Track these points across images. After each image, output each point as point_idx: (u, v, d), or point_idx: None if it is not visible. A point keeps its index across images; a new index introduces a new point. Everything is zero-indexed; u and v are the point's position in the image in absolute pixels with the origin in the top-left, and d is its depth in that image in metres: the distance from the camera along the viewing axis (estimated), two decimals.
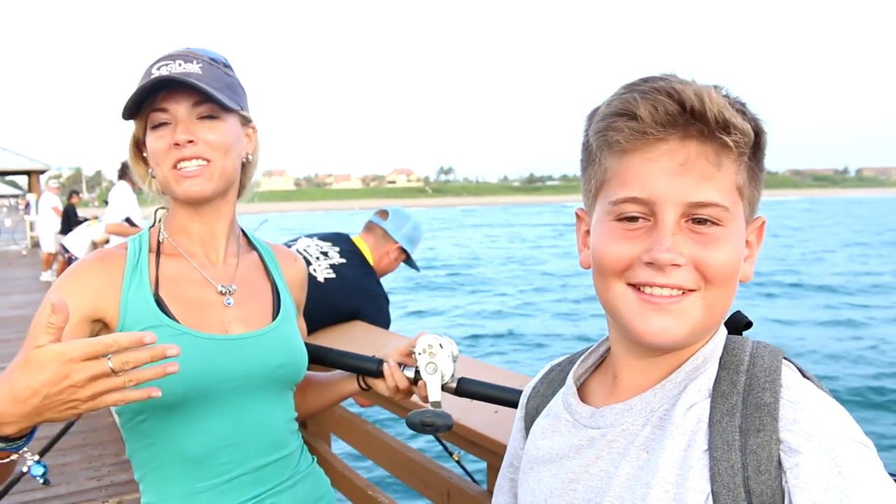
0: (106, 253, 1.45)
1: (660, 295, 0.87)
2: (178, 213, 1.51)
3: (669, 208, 0.86)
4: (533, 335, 16.25)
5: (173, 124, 1.40)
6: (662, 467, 0.86)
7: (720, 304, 0.88)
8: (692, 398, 0.89)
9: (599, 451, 0.95)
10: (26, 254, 21.36)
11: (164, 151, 1.40)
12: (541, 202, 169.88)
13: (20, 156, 28.28)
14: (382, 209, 3.20)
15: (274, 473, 1.49)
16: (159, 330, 1.36)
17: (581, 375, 1.07)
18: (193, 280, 1.49)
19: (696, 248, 0.86)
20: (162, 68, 1.38)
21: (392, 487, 4.78)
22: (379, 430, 2.56)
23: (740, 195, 0.88)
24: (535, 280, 25.72)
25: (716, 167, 0.85)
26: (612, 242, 0.90)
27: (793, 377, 0.88)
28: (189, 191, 1.41)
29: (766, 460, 0.80)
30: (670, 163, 0.85)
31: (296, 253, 1.75)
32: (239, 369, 1.45)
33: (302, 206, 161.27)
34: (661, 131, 0.85)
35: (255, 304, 1.54)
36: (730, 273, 0.87)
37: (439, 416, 1.49)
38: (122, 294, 1.39)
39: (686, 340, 0.90)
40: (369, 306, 2.89)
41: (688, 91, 0.84)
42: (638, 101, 0.85)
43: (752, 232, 0.93)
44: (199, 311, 1.45)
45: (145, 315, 1.39)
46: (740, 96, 0.89)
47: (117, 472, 4.91)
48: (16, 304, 11.96)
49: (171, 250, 1.50)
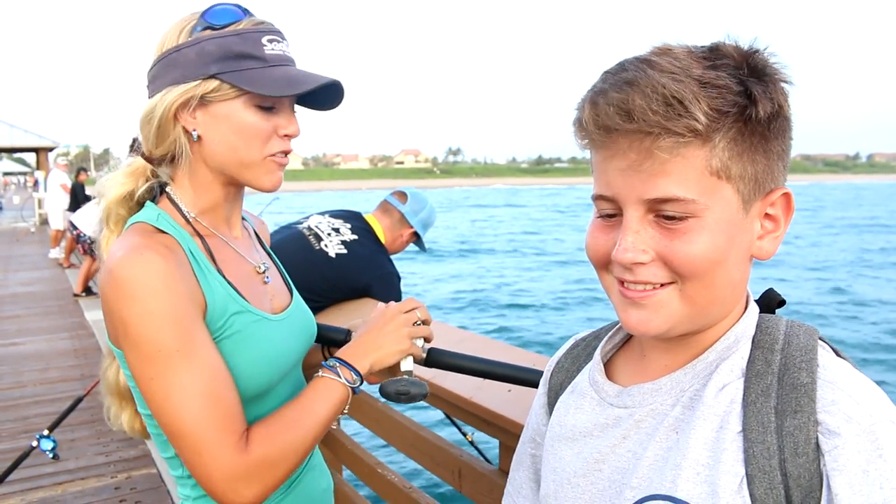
0: (150, 241, 1.23)
1: (634, 290, 0.86)
2: (212, 190, 1.37)
3: (630, 206, 0.83)
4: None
5: (278, 110, 1.33)
6: (693, 448, 0.83)
7: (702, 294, 0.84)
8: (724, 378, 0.86)
9: (626, 430, 0.92)
10: (35, 231, 21.44)
11: (267, 136, 1.32)
12: (549, 184, 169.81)
13: (28, 133, 28.20)
14: (400, 190, 3.18)
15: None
16: (243, 316, 1.31)
17: (608, 352, 1.04)
18: (236, 259, 1.41)
19: (662, 242, 0.83)
20: (274, 44, 1.32)
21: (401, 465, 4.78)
22: (390, 409, 2.55)
23: (722, 177, 0.81)
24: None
25: (675, 158, 0.80)
26: (592, 237, 0.90)
27: (829, 357, 0.84)
28: (277, 182, 1.37)
29: (803, 442, 0.77)
30: (623, 160, 0.82)
31: (257, 216, 1.71)
32: (297, 346, 1.45)
33: (310, 185, 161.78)
34: (606, 136, 0.83)
35: (277, 279, 1.52)
36: (704, 265, 0.82)
37: (414, 385, 1.44)
38: (199, 281, 1.26)
39: (674, 330, 0.87)
40: (380, 283, 2.87)
41: (633, 91, 0.79)
42: (585, 107, 0.84)
43: (769, 206, 0.87)
44: (254, 291, 1.40)
45: (227, 301, 1.29)
46: (750, 47, 0.83)
47: (126, 448, 4.93)
48: (25, 281, 12.02)
49: (203, 230, 1.38)
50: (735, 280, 0.86)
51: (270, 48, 1.31)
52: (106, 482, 4.45)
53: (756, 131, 0.81)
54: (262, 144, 1.32)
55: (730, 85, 0.79)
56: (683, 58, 0.81)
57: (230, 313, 1.28)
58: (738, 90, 0.79)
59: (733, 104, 0.79)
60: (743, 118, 0.80)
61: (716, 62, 0.81)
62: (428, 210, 3.15)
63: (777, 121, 0.83)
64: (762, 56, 0.83)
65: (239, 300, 1.31)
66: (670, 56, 0.81)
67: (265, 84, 1.29)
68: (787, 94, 0.84)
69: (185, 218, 1.35)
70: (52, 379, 6.67)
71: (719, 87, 0.79)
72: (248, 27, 1.31)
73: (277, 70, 1.30)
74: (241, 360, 1.27)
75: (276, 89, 1.29)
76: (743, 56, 0.82)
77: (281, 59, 1.32)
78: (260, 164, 1.33)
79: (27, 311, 9.43)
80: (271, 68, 1.30)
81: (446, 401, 2.07)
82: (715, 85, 0.79)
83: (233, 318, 1.28)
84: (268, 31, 1.32)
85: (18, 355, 7.38)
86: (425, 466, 2.26)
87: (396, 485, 2.46)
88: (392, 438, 2.50)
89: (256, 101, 1.30)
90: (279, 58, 1.32)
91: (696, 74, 0.79)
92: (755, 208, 0.85)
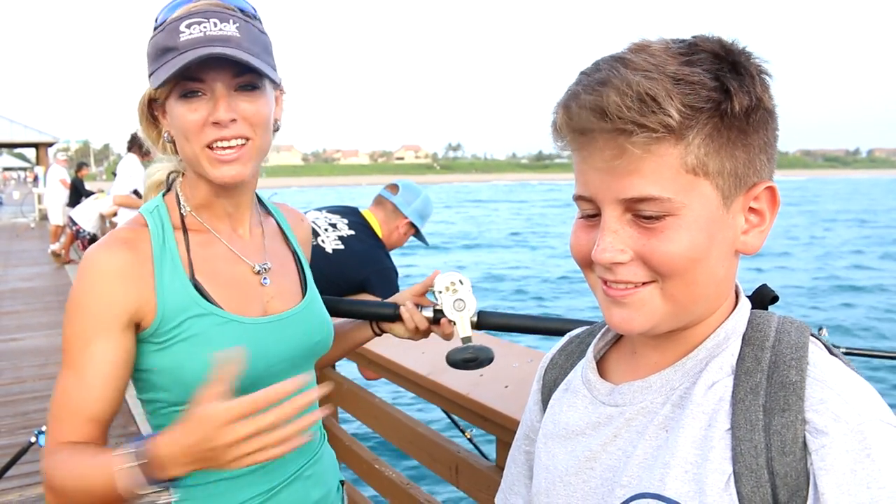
0: (127, 236, 1.29)
1: (616, 288, 0.86)
2: (201, 187, 1.36)
3: (607, 206, 0.84)
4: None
5: (209, 96, 1.25)
6: (682, 447, 0.83)
7: (683, 292, 0.84)
8: (714, 376, 0.86)
9: (618, 429, 0.93)
10: (34, 226, 21.39)
11: (197, 127, 1.25)
12: (549, 179, 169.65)
13: (28, 128, 28.20)
14: (392, 183, 3.18)
15: (310, 446, 1.46)
16: (204, 319, 1.28)
17: (601, 349, 1.04)
18: (227, 258, 1.38)
19: (640, 241, 0.83)
20: (193, 27, 1.22)
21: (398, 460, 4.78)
22: (387, 405, 2.56)
23: (699, 174, 0.81)
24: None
25: (649, 156, 0.79)
26: (575, 237, 0.91)
27: (820, 354, 0.85)
28: (226, 176, 1.28)
29: (790, 441, 0.77)
30: (599, 160, 0.82)
31: (298, 211, 1.68)
32: (285, 351, 1.38)
33: (310, 181, 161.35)
34: (581, 137, 0.83)
35: (286, 279, 1.47)
36: (683, 263, 0.82)
37: (481, 350, 1.46)
38: (156, 282, 1.27)
39: (658, 328, 0.87)
40: (377, 278, 2.87)
41: (607, 90, 0.78)
42: (559, 110, 0.85)
43: (753, 200, 0.86)
44: (240, 293, 1.36)
45: (186, 303, 1.28)
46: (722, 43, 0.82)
47: (125, 444, 4.92)
48: (25, 276, 12.00)
49: (197, 226, 1.37)
50: (719, 276, 0.86)
51: (187, 34, 1.22)
52: None
53: (734, 126, 0.81)
54: (194, 137, 1.26)
55: (704, 81, 0.79)
56: (659, 54, 0.81)
57: (188, 316, 1.27)
58: (712, 86, 0.79)
59: (707, 99, 0.78)
60: (719, 113, 0.79)
61: (692, 57, 0.80)
62: (422, 200, 3.12)
63: (756, 114, 0.82)
64: (740, 50, 0.82)
65: (202, 303, 1.29)
66: (646, 53, 0.81)
67: (159, 76, 1.23)
68: (768, 86, 0.83)
69: (181, 212, 1.36)
70: (52, 375, 6.65)
71: (693, 84, 0.78)
72: (176, 16, 1.25)
73: (183, 56, 1.21)
74: (196, 363, 1.26)
75: (157, 80, 1.24)
76: (720, 51, 0.81)
77: (194, 43, 1.22)
78: (200, 156, 1.28)
79: (27, 307, 9.37)
80: (180, 56, 1.22)
81: (444, 397, 2.08)
82: (689, 81, 0.78)
83: (191, 322, 1.27)
84: (190, 14, 1.24)
85: (18, 351, 7.35)
86: (423, 463, 2.27)
87: (395, 481, 2.47)
88: (390, 435, 2.50)
89: (178, 93, 1.25)
90: (192, 42, 1.22)
91: (671, 71, 0.79)
92: (737, 203, 0.85)
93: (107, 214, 10.21)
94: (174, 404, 1.31)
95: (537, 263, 23.84)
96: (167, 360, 1.27)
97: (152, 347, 1.27)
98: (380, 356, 2.45)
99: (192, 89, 1.24)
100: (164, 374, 1.28)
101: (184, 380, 1.27)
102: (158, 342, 1.27)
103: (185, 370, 1.26)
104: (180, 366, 1.26)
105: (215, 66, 1.23)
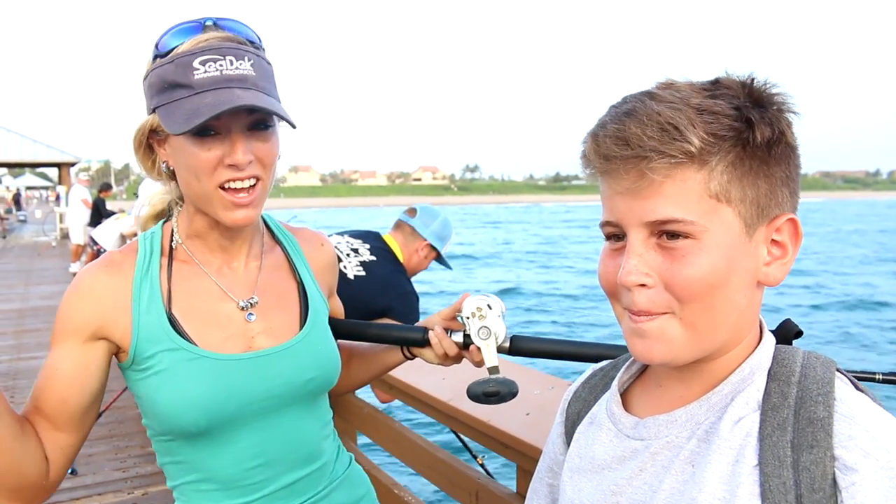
0: (113, 259, 1.32)
1: (637, 317, 0.87)
2: (196, 219, 1.35)
3: (633, 229, 0.86)
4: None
5: (224, 136, 1.22)
6: (709, 482, 0.83)
7: (702, 319, 0.85)
8: (740, 411, 0.87)
9: (643, 463, 0.93)
10: (56, 245, 21.62)
11: (211, 167, 1.23)
12: (567, 201, 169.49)
13: (51, 148, 28.51)
14: (411, 207, 3.19)
15: (309, 485, 1.42)
16: (175, 354, 1.27)
17: (625, 382, 1.05)
18: (211, 292, 1.36)
19: (664, 265, 0.84)
20: (209, 65, 1.20)
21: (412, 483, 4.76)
22: (407, 430, 2.55)
23: (721, 200, 0.83)
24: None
25: (672, 182, 0.82)
26: (602, 265, 0.92)
27: (846, 390, 0.84)
28: (239, 219, 1.26)
29: (820, 478, 0.77)
30: (625, 184, 0.85)
31: (322, 234, 1.63)
32: (265, 390, 1.33)
33: (327, 202, 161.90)
34: (606, 163, 0.86)
35: (280, 313, 1.41)
36: (702, 288, 0.83)
37: (503, 384, 1.37)
38: (132, 309, 1.28)
39: (679, 358, 0.87)
40: (399, 304, 2.88)
41: (631, 121, 0.82)
42: (588, 139, 0.88)
43: (775, 232, 0.87)
44: (219, 329, 1.33)
45: (159, 335, 1.27)
46: (751, 80, 0.84)
47: (143, 464, 4.95)
48: (45, 295, 12.12)
49: (185, 257, 1.36)
50: (740, 305, 0.86)
51: (202, 71, 1.19)
52: (123, 498, 4.46)
53: (756, 156, 0.83)
54: (207, 177, 1.24)
55: (727, 111, 0.81)
56: (684, 89, 0.84)
57: (159, 349, 1.28)
58: (734, 115, 0.81)
59: (729, 128, 0.81)
60: (741, 142, 0.82)
61: (715, 92, 0.83)
62: (441, 222, 3.13)
63: (778, 147, 0.84)
64: (762, 86, 0.84)
65: (174, 337, 1.28)
66: (672, 88, 0.85)
67: (176, 118, 1.20)
68: (791, 122, 0.85)
69: (172, 243, 1.37)
70: None
71: (716, 114, 0.81)
72: (185, 49, 1.21)
73: (201, 98, 1.19)
74: (163, 397, 1.27)
75: (178, 124, 1.19)
76: (743, 86, 0.84)
77: (211, 83, 1.20)
78: (213, 197, 1.25)
79: (47, 325, 9.45)
80: (197, 96, 1.19)
81: (464, 423, 2.08)
82: (712, 111, 0.81)
83: (162, 355, 1.28)
84: (203, 50, 1.20)
85: (39, 369, 7.40)
86: (442, 488, 2.26)
87: None
88: (409, 459, 2.50)
89: (192, 132, 1.21)
90: (209, 81, 1.19)
91: (694, 103, 0.82)
92: (759, 233, 0.86)
93: (127, 234, 10.28)
94: (160, 434, 1.34)
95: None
96: (144, 392, 1.30)
97: (135, 376, 1.31)
98: (399, 381, 2.45)
99: (206, 128, 1.20)
100: (143, 405, 1.32)
101: (155, 413, 1.29)
102: (138, 371, 1.30)
103: (155, 404, 1.28)
104: (151, 399, 1.29)
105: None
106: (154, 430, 1.35)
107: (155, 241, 1.36)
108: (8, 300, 11.60)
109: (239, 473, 1.34)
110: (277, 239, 1.52)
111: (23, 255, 18.95)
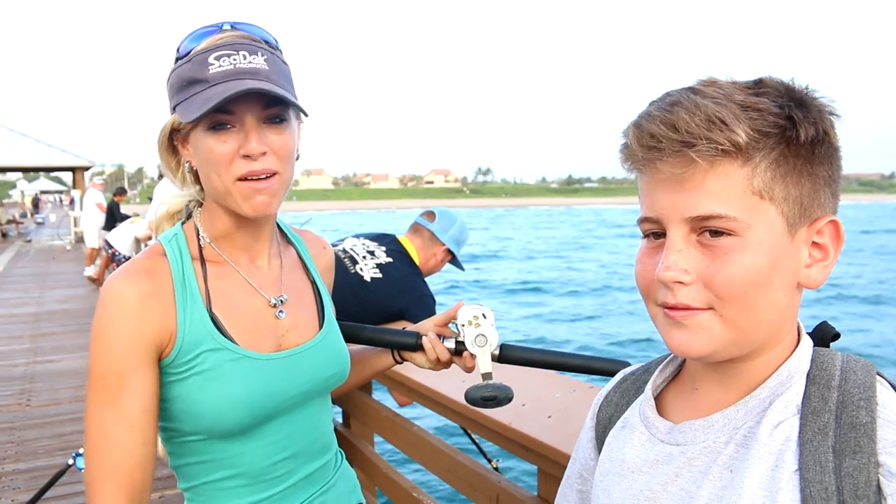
0: (147, 265, 1.29)
1: (675, 311, 0.85)
2: (221, 218, 1.36)
3: (673, 225, 0.84)
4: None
5: (239, 128, 1.25)
6: (749, 488, 0.81)
7: (743, 317, 0.83)
8: (779, 415, 0.85)
9: (679, 468, 0.91)
10: (70, 249, 21.76)
11: (227, 160, 1.25)
12: (580, 204, 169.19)
13: (66, 152, 28.69)
14: (429, 210, 3.20)
15: (323, 475, 1.47)
16: (218, 354, 1.28)
17: (659, 386, 1.03)
18: (244, 291, 1.38)
19: (704, 262, 0.83)
20: (223, 59, 1.23)
21: (429, 486, 4.75)
22: (425, 432, 2.54)
23: (765, 197, 0.82)
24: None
25: (715, 177, 0.81)
26: (640, 263, 0.91)
27: (888, 395, 0.82)
28: (259, 207, 1.28)
29: (863, 484, 0.75)
30: (668, 179, 0.84)
31: (323, 238, 1.67)
32: (297, 386, 1.38)
33: (340, 205, 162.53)
34: (649, 154, 0.84)
35: (302, 312, 1.46)
36: (744, 287, 0.81)
37: (500, 389, 1.44)
38: (177, 313, 1.27)
39: (718, 354, 0.86)
40: (416, 306, 2.87)
41: (678, 109, 0.82)
42: (630, 129, 0.87)
43: (816, 234, 0.86)
44: (255, 328, 1.36)
45: (203, 337, 1.28)
46: (790, 83, 0.84)
47: (159, 467, 4.90)
48: (60, 299, 12.19)
49: (215, 257, 1.37)
50: (780, 305, 0.85)
51: (217, 66, 1.22)
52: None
53: (800, 154, 0.82)
54: (225, 170, 1.26)
55: (771, 108, 0.80)
56: (727, 86, 0.83)
57: (203, 349, 1.27)
58: (778, 112, 0.81)
59: (774, 125, 0.80)
60: (785, 140, 0.81)
61: (758, 90, 0.82)
62: (458, 227, 3.15)
63: (822, 147, 0.83)
64: (804, 88, 0.84)
65: (217, 337, 1.29)
66: (715, 86, 0.84)
67: (191, 109, 1.23)
68: (833, 123, 0.84)
69: (199, 242, 1.37)
70: None
71: (760, 111, 0.80)
72: (202, 48, 1.25)
73: (214, 89, 1.21)
74: (207, 397, 1.27)
75: (191, 113, 1.22)
76: (785, 87, 0.84)
77: (224, 76, 1.22)
78: (232, 189, 1.27)
79: (63, 329, 9.52)
80: (210, 88, 1.22)
81: (485, 427, 2.06)
82: (756, 108, 0.80)
83: (205, 355, 1.27)
84: (218, 46, 1.24)
85: (55, 372, 7.45)
86: (462, 492, 2.25)
87: None
88: (428, 463, 2.48)
89: (206, 125, 1.24)
90: (222, 74, 1.22)
91: (738, 100, 0.81)
92: (801, 234, 0.84)
93: (142, 238, 10.36)
94: (188, 434, 1.32)
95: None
96: (181, 392, 1.28)
97: (169, 378, 1.28)
98: (419, 384, 2.44)
99: (222, 121, 1.24)
100: (178, 404, 1.29)
101: (195, 412, 1.28)
102: (175, 373, 1.28)
103: (197, 404, 1.27)
104: (193, 399, 1.27)
105: (246, 99, 1.23)
106: (181, 431, 1.32)
107: (181, 243, 1.36)
108: (24, 304, 11.67)
109: (267, 467, 1.36)
110: (289, 240, 1.56)
111: (38, 259, 19.07)
